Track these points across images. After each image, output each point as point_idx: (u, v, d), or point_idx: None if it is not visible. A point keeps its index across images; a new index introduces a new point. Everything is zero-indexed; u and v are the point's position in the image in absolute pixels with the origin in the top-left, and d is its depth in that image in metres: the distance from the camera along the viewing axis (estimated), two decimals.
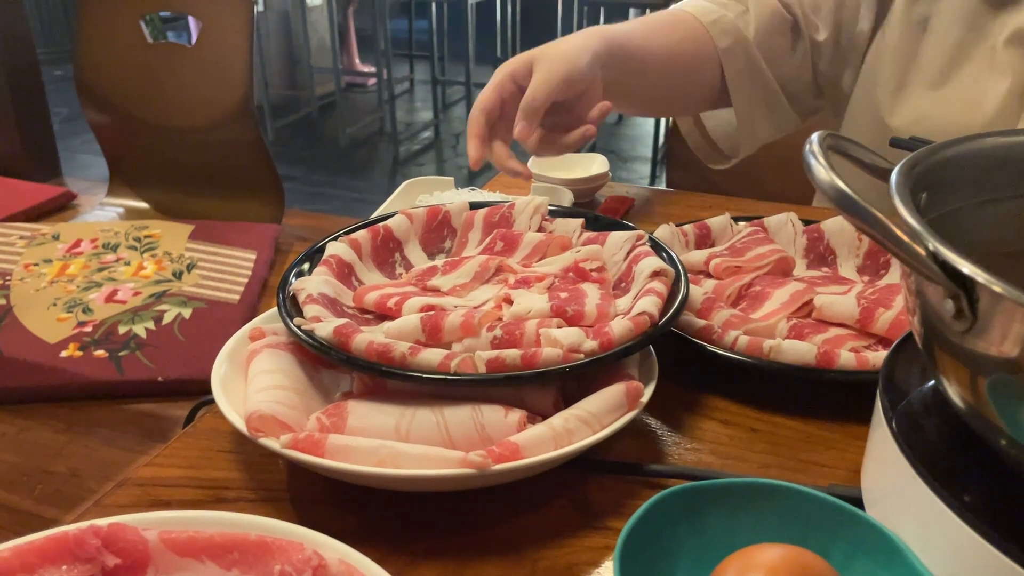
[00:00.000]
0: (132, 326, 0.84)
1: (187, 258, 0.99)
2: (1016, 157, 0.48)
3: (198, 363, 0.77)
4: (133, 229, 1.07)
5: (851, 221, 0.38)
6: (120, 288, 0.92)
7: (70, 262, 0.98)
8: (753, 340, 0.60)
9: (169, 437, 0.70)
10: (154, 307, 0.87)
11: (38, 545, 0.41)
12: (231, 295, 0.90)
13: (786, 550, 0.40)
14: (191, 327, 0.84)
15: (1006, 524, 0.38)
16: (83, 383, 0.76)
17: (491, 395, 0.51)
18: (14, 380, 0.76)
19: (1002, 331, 0.34)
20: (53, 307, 0.87)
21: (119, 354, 0.79)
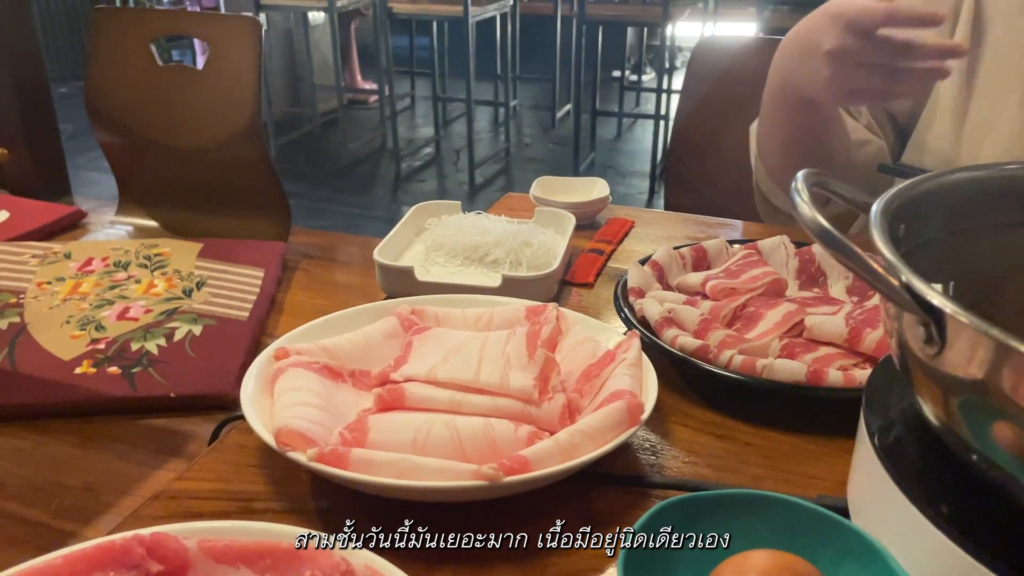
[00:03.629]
0: (144, 343, 0.85)
1: (196, 276, 1.01)
2: (987, 189, 0.52)
3: (209, 379, 0.79)
4: (143, 248, 1.09)
5: (832, 255, 0.42)
6: (132, 306, 0.93)
7: (82, 280, 1.00)
8: (747, 359, 0.63)
9: (182, 452, 0.73)
10: (165, 324, 0.88)
11: (87, 553, 0.45)
12: (240, 312, 0.92)
13: (777, 555, 0.43)
14: (202, 344, 0.85)
15: (978, 532, 0.41)
16: (97, 399, 0.77)
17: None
18: (30, 396, 0.77)
19: (967, 356, 0.38)
20: (66, 324, 0.89)
21: (132, 371, 0.81)
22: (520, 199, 1.08)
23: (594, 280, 0.87)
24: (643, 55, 5.46)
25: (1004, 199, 0.52)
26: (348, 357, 0.65)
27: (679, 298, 0.74)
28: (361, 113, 4.95)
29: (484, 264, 0.86)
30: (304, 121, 4.59)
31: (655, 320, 0.69)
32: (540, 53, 4.90)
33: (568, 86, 4.60)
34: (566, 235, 0.89)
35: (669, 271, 0.80)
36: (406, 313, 0.69)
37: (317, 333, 0.67)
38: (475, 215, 0.93)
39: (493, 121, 4.94)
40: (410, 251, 0.91)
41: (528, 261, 0.85)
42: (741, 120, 1.27)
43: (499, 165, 4.19)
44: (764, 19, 3.58)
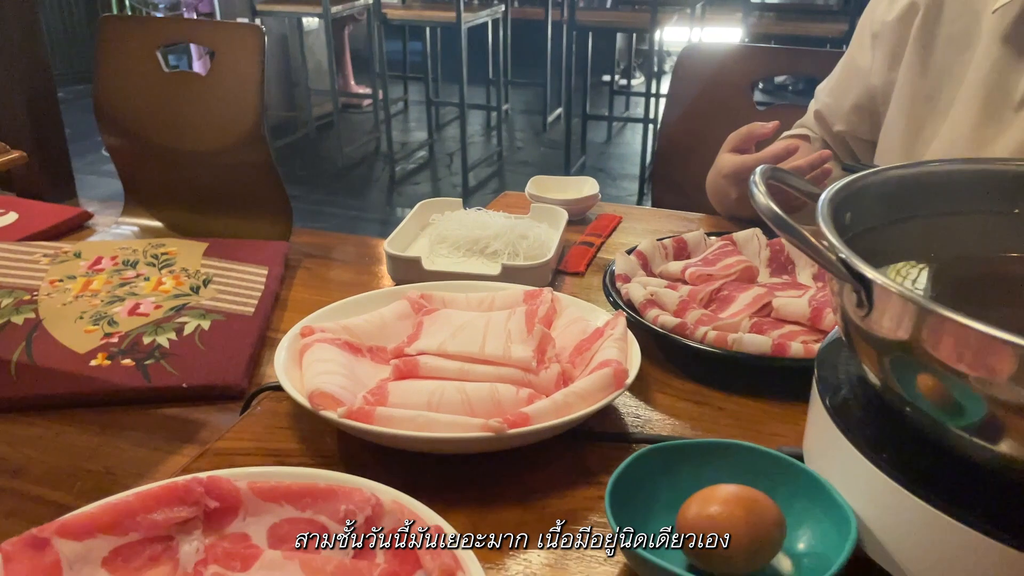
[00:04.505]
0: (156, 337, 0.87)
1: (203, 274, 1.02)
2: (920, 184, 0.61)
3: (219, 370, 0.81)
4: (150, 247, 1.11)
5: (783, 236, 0.50)
6: (142, 302, 0.95)
7: (93, 278, 1.02)
8: (720, 335, 0.72)
9: (196, 439, 0.76)
10: (175, 319, 0.91)
11: (155, 492, 0.53)
12: (246, 308, 0.94)
13: (739, 488, 0.51)
14: (211, 337, 0.87)
15: (911, 470, 0.49)
16: (113, 390, 0.79)
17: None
18: (48, 387, 0.79)
19: (890, 316, 0.46)
20: (80, 320, 0.91)
21: (145, 363, 0.82)
22: (516, 197, 1.17)
23: (585, 269, 0.96)
24: (632, 60, 5.56)
25: (935, 192, 0.61)
26: (365, 335, 0.73)
27: (661, 283, 0.83)
28: (355, 117, 5.03)
29: (484, 255, 0.94)
30: (299, 125, 4.66)
31: (639, 302, 0.78)
32: (531, 58, 4.99)
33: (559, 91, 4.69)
34: (559, 228, 0.97)
35: (653, 260, 0.88)
36: (416, 297, 0.77)
37: (337, 314, 0.75)
38: (475, 211, 1.02)
39: (486, 125, 5.02)
40: (416, 244, 0.99)
41: (525, 252, 0.93)
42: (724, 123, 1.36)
43: (492, 168, 4.28)
44: (749, 25, 3.68)
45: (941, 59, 0.90)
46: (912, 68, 0.92)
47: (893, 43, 0.95)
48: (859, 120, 1.03)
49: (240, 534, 0.53)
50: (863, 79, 1.00)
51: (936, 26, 0.91)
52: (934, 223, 0.63)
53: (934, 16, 0.91)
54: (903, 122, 0.94)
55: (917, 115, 0.92)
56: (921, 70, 0.91)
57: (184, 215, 1.31)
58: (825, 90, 1.09)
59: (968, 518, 0.45)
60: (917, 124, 0.93)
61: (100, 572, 0.49)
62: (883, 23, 0.95)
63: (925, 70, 0.91)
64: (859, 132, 1.04)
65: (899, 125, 0.94)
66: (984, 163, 0.64)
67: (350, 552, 0.51)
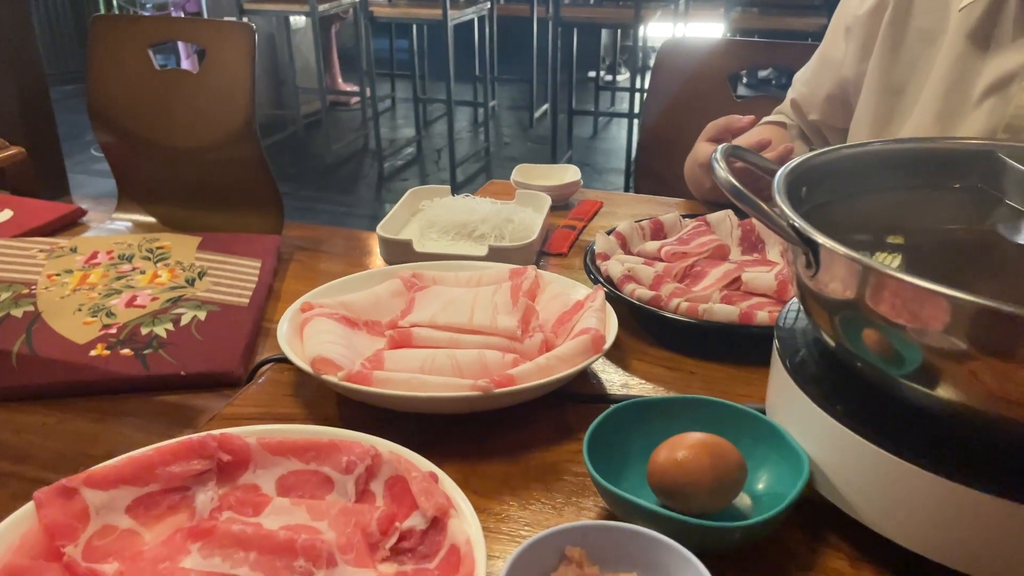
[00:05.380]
0: (153, 327, 0.89)
1: (198, 267, 1.04)
2: (870, 162, 0.66)
3: (216, 359, 0.83)
4: (145, 241, 1.12)
5: (740, 206, 0.55)
6: (139, 294, 0.97)
7: (89, 272, 1.03)
8: (691, 305, 0.77)
9: (194, 424, 0.78)
10: (171, 311, 0.92)
11: (172, 447, 0.58)
12: (241, 299, 0.96)
13: (705, 435, 0.57)
14: (207, 327, 0.89)
15: (860, 417, 0.55)
16: (113, 378, 0.81)
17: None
18: (50, 377, 0.81)
19: (835, 274, 0.52)
20: (78, 312, 0.92)
21: (144, 352, 0.84)
22: (503, 184, 1.22)
23: (568, 250, 1.01)
24: (617, 56, 5.62)
25: (883, 170, 0.67)
26: (361, 310, 0.78)
27: (638, 260, 0.88)
28: (343, 115, 5.06)
29: (472, 238, 0.99)
30: (287, 123, 4.69)
31: (617, 277, 0.83)
32: (517, 55, 5.04)
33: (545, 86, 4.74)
34: (543, 213, 1.02)
35: (631, 240, 0.94)
36: (408, 275, 0.83)
37: (334, 292, 0.80)
38: (463, 197, 1.07)
39: (473, 121, 5.07)
40: (407, 229, 1.04)
41: (511, 235, 0.98)
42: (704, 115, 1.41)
43: (479, 164, 4.33)
44: (731, 20, 3.74)
45: (909, 53, 0.95)
46: (882, 60, 0.97)
47: (864, 36, 1.00)
48: (832, 110, 1.08)
49: (251, 485, 0.58)
50: (836, 71, 1.05)
51: (906, 21, 0.96)
52: (882, 198, 0.68)
53: (904, 11, 0.96)
54: (872, 112, 0.99)
55: (885, 105, 0.98)
56: (890, 63, 0.97)
57: (177, 210, 1.32)
58: (801, 80, 1.14)
59: (908, 455, 0.51)
60: (885, 114, 0.98)
61: (124, 518, 0.54)
62: (855, 17, 1.01)
63: (894, 63, 0.96)
64: (832, 121, 1.10)
65: (868, 115, 1.00)
66: (928, 142, 0.70)
67: (352, 497, 0.57)
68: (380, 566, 0.52)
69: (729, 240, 0.95)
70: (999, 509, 0.48)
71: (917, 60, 0.95)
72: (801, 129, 1.16)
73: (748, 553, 0.54)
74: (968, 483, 0.49)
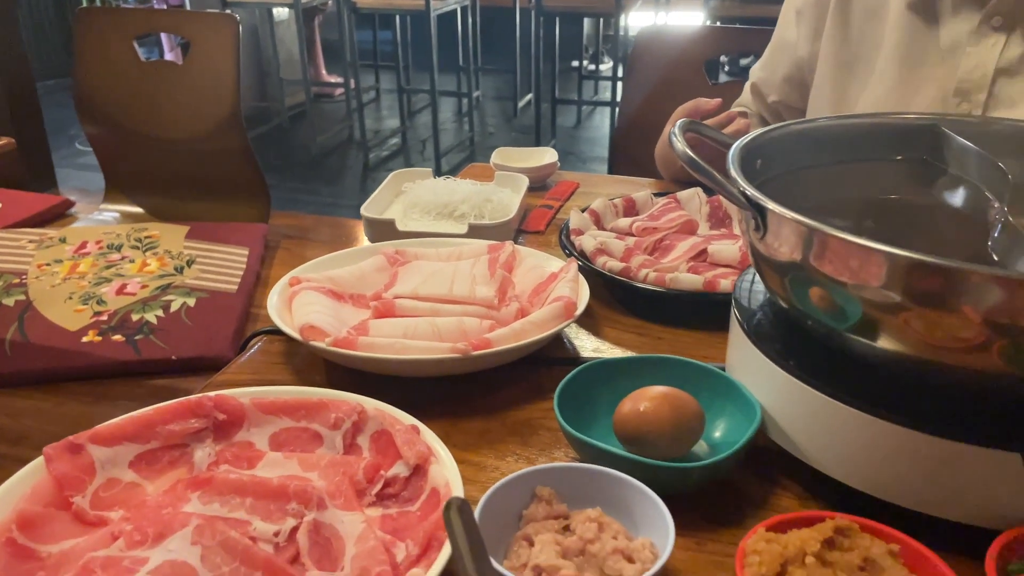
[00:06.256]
0: (144, 314, 0.91)
1: (186, 255, 1.07)
2: (817, 137, 0.71)
3: (206, 343, 0.86)
4: (134, 231, 1.14)
5: (696, 175, 0.60)
6: (128, 282, 0.99)
7: (79, 261, 1.05)
8: (659, 275, 0.82)
9: None
10: (161, 298, 0.95)
11: (171, 407, 0.62)
12: (230, 286, 0.99)
13: (667, 388, 0.61)
14: (197, 313, 0.92)
15: (810, 369, 0.59)
16: (105, 363, 0.83)
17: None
18: (44, 363, 0.84)
19: (781, 235, 0.56)
20: (69, 300, 0.95)
21: (135, 338, 0.87)
22: (482, 168, 1.26)
23: (545, 228, 1.05)
24: (600, 45, 5.65)
25: (832, 144, 0.71)
26: (347, 284, 0.82)
27: (611, 235, 0.92)
28: (327, 106, 5.08)
29: (453, 218, 1.03)
30: (272, 115, 4.71)
31: (590, 251, 0.88)
32: (501, 45, 5.06)
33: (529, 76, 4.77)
34: (521, 192, 1.07)
35: (604, 217, 0.98)
36: (391, 252, 0.87)
37: (320, 268, 0.84)
38: (444, 179, 1.11)
39: (457, 111, 5.10)
40: (390, 209, 1.08)
41: (489, 214, 1.02)
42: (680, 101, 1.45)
43: (464, 153, 4.36)
44: (711, 8, 3.79)
45: (858, 29, 1.00)
46: (833, 39, 1.02)
47: (814, 18, 1.05)
48: (790, 89, 1.13)
49: (245, 442, 0.62)
50: (791, 52, 1.10)
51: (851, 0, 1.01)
52: (833, 170, 0.73)
53: None
54: (828, 88, 1.04)
55: (840, 81, 1.03)
56: (841, 40, 1.02)
57: (164, 201, 1.35)
58: (759, 66, 1.19)
59: (852, 401, 0.55)
60: (841, 89, 1.03)
61: (128, 472, 0.59)
62: (804, 1, 1.06)
63: (845, 40, 1.02)
64: (791, 101, 1.15)
65: (825, 91, 1.05)
66: (875, 118, 0.74)
67: (340, 450, 0.61)
68: (367, 510, 0.56)
69: (698, 216, 0.99)
70: (932, 446, 0.53)
71: (866, 35, 1.00)
72: (761, 116, 1.21)
73: (707, 494, 0.59)
74: (905, 424, 0.53)
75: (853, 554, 0.48)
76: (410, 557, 0.50)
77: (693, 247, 0.89)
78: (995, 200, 0.63)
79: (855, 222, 0.66)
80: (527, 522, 0.52)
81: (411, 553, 0.50)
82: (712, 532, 0.56)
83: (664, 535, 0.49)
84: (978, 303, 0.48)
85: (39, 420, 0.76)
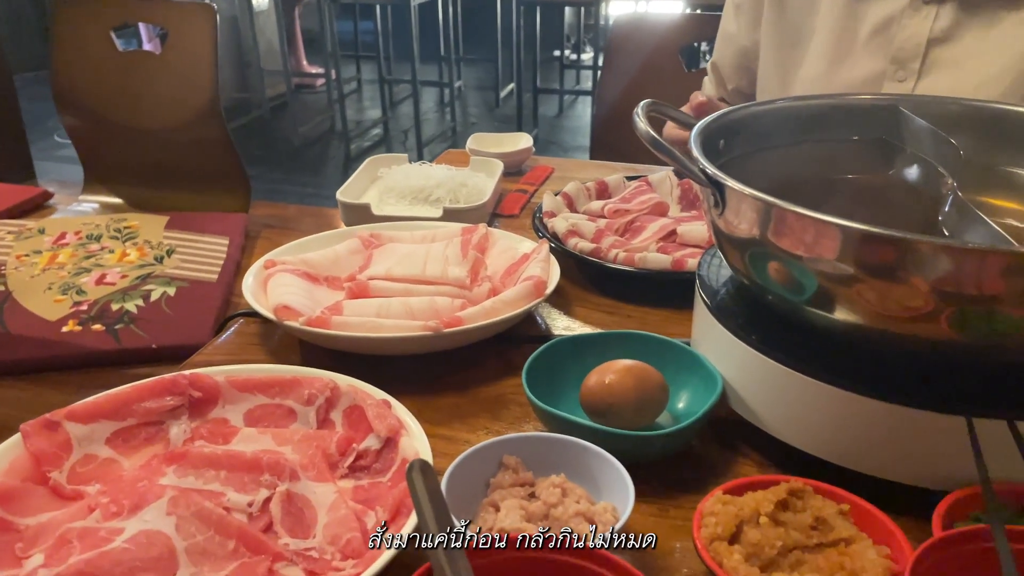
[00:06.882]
0: (124, 303, 0.92)
1: (166, 245, 1.07)
2: (779, 118, 0.73)
3: (187, 332, 0.86)
4: (113, 221, 1.15)
5: (657, 154, 0.61)
6: (108, 272, 0.99)
7: (58, 252, 1.05)
8: (629, 255, 0.84)
9: None
10: (141, 287, 0.95)
11: (147, 385, 0.63)
12: (210, 275, 0.99)
13: (632, 362, 0.63)
14: (177, 303, 0.92)
15: (770, 342, 0.61)
16: (86, 353, 0.84)
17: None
18: (23, 353, 0.84)
19: (738, 211, 0.58)
20: (49, 290, 0.94)
21: (115, 327, 0.87)
22: (458, 154, 1.27)
23: (519, 212, 1.07)
24: (581, 34, 5.66)
25: (794, 125, 0.73)
26: (321, 267, 0.83)
27: (583, 217, 0.94)
28: (309, 97, 5.06)
29: (428, 202, 1.05)
30: (253, 106, 4.68)
31: (562, 232, 0.89)
32: (482, 34, 5.06)
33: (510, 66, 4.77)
34: (495, 177, 1.08)
35: (577, 200, 1.00)
36: (366, 235, 0.88)
37: (296, 251, 0.86)
38: (420, 164, 1.12)
39: (439, 102, 5.09)
40: (366, 195, 1.09)
41: (464, 198, 1.04)
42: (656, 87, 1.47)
43: (446, 143, 4.36)
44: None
45: (793, 15, 1.04)
46: (771, 26, 1.06)
47: (751, 10, 1.10)
48: (740, 76, 1.17)
49: (220, 418, 0.63)
50: (735, 43, 1.15)
51: None
52: (795, 150, 0.75)
53: None
54: (773, 71, 1.08)
55: (782, 64, 1.07)
56: (779, 22, 1.06)
57: (144, 191, 1.34)
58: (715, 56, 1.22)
59: (810, 371, 0.57)
60: (783, 72, 1.07)
61: (104, 448, 0.60)
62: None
63: (783, 21, 1.06)
64: (742, 87, 1.18)
65: (770, 75, 1.09)
66: (835, 99, 0.76)
67: (314, 425, 0.62)
68: (339, 482, 0.58)
69: (669, 198, 1.01)
70: (883, 412, 0.55)
71: (802, 20, 1.03)
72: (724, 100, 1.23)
73: (670, 463, 0.61)
74: (858, 391, 0.55)
75: (805, 514, 0.50)
76: (379, 523, 0.52)
77: (663, 228, 0.90)
78: (947, 176, 0.65)
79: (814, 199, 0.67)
80: (494, 489, 0.54)
81: (380, 519, 0.52)
82: (674, 499, 0.58)
83: (625, 499, 0.51)
84: (927, 273, 0.50)
85: (18, 409, 0.76)
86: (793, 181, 0.71)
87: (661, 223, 0.91)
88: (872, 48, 0.95)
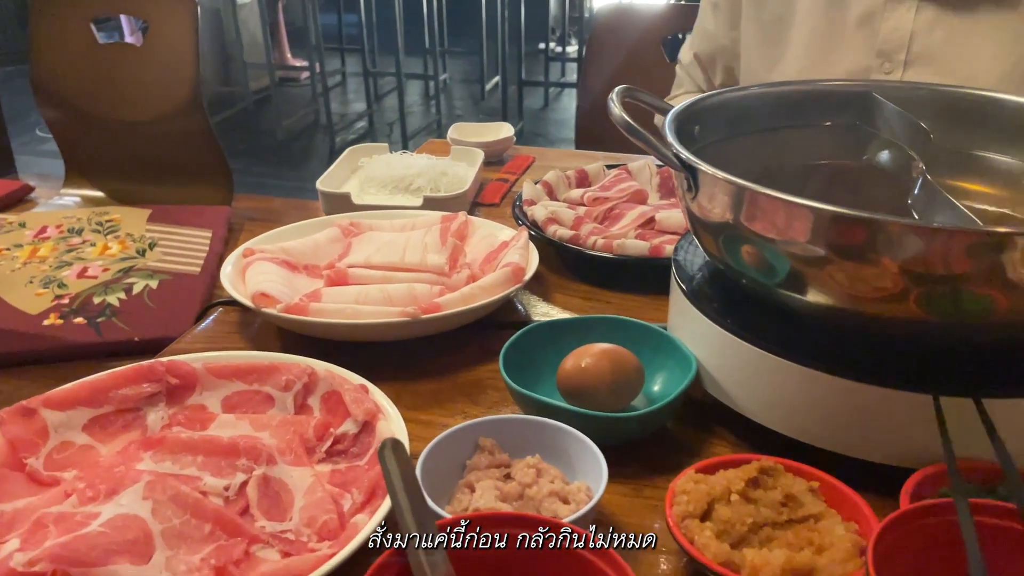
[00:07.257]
0: (106, 296, 0.91)
1: (148, 238, 1.06)
2: (754, 104, 0.73)
3: (170, 324, 0.85)
4: (94, 215, 1.14)
5: (632, 139, 0.62)
6: (90, 266, 0.99)
7: (39, 246, 1.05)
8: (607, 242, 0.84)
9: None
10: (123, 280, 0.95)
11: (125, 373, 0.63)
12: (193, 267, 0.99)
13: (608, 345, 0.64)
14: (159, 295, 0.92)
15: (745, 325, 0.61)
16: (67, 346, 0.84)
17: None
18: (4, 346, 0.83)
19: (711, 195, 0.59)
20: (30, 284, 0.94)
21: (97, 320, 0.86)
22: (440, 144, 1.27)
23: (500, 200, 1.07)
24: (566, 27, 5.65)
25: (769, 111, 0.74)
26: (301, 255, 0.83)
27: (562, 205, 0.95)
28: (293, 90, 5.03)
29: (409, 192, 1.05)
30: (237, 100, 4.65)
31: (541, 220, 0.90)
32: (467, 27, 5.04)
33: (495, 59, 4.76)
34: (476, 166, 1.08)
35: (557, 188, 1.00)
36: (346, 224, 0.88)
37: (275, 239, 0.86)
38: (400, 154, 1.12)
39: (424, 94, 5.08)
40: (347, 184, 1.09)
41: (445, 187, 1.04)
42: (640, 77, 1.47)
43: (431, 136, 4.36)
44: None
45: (772, 9, 1.04)
46: (751, 22, 1.07)
47: (729, 8, 1.10)
48: (719, 71, 1.18)
49: (198, 405, 0.64)
50: (714, 41, 1.15)
51: None
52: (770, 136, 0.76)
53: None
54: (757, 64, 1.09)
55: (766, 59, 1.07)
56: (758, 23, 1.07)
57: (125, 184, 1.34)
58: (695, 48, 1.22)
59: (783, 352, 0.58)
60: (768, 67, 1.07)
61: (81, 435, 0.60)
62: None
63: (762, 22, 1.06)
64: (726, 82, 1.18)
65: (755, 69, 1.09)
66: (808, 85, 0.77)
67: (291, 411, 0.63)
68: (317, 466, 0.58)
69: (648, 186, 1.02)
70: (853, 391, 0.56)
71: (782, 14, 1.04)
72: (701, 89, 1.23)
73: (645, 444, 0.61)
74: (829, 371, 0.56)
75: (775, 492, 0.51)
76: (355, 505, 0.52)
77: (642, 215, 0.91)
78: (918, 160, 0.66)
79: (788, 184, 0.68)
80: (470, 471, 0.54)
81: (356, 501, 0.52)
82: (648, 479, 0.58)
83: (599, 479, 0.51)
84: (895, 253, 0.51)
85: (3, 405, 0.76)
86: (768, 167, 0.72)
87: (640, 210, 0.92)
88: (857, 42, 0.96)
